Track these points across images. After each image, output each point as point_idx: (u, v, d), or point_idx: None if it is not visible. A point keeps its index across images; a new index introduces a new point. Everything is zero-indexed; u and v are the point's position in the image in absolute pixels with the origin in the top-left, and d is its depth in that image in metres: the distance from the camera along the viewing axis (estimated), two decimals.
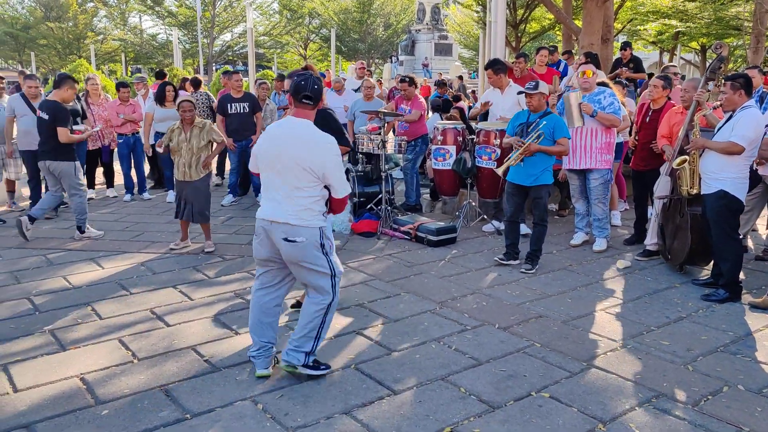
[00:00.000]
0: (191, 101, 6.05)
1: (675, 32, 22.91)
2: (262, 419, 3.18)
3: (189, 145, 6.01)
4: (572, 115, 5.97)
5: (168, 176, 8.67)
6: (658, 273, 5.59)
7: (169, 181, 8.68)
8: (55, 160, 6.54)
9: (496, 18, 8.89)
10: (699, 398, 3.41)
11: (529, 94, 5.57)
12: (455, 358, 3.88)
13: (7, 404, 3.31)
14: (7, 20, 43.74)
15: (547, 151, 5.49)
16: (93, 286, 5.17)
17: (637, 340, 4.16)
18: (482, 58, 18.33)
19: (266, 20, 48.16)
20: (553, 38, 34.92)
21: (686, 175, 5.32)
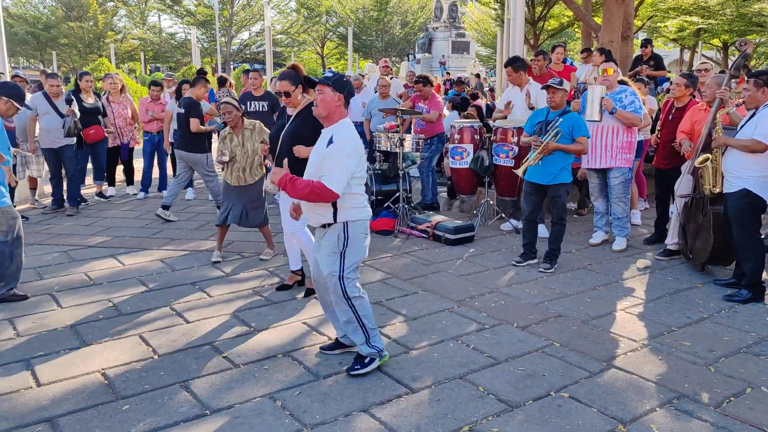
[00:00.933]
0: (232, 102, 5.59)
1: (696, 29, 22.59)
2: (281, 416, 3.19)
3: (244, 150, 5.62)
4: (593, 107, 5.90)
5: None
6: (679, 273, 5.53)
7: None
8: (187, 151, 7.12)
9: (515, 15, 8.83)
10: (721, 400, 3.36)
11: (554, 89, 5.52)
12: (473, 356, 3.86)
13: (31, 398, 3.36)
14: (29, 20, 44.36)
15: (565, 149, 5.44)
16: (113, 282, 5.23)
17: (658, 340, 4.12)
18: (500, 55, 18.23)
19: (284, 19, 48.34)
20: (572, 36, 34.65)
21: (709, 174, 5.25)
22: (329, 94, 3.48)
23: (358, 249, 3.58)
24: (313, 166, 3.53)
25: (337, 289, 3.56)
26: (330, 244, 3.55)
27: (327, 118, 3.54)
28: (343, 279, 3.55)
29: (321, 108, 3.50)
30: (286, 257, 5.91)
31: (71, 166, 7.72)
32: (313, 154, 3.60)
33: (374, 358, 3.66)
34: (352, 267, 3.58)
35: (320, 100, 3.49)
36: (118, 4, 46.18)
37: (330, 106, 3.49)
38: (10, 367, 3.72)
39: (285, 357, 3.85)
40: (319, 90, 3.50)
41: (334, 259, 3.54)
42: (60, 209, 7.79)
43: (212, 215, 7.66)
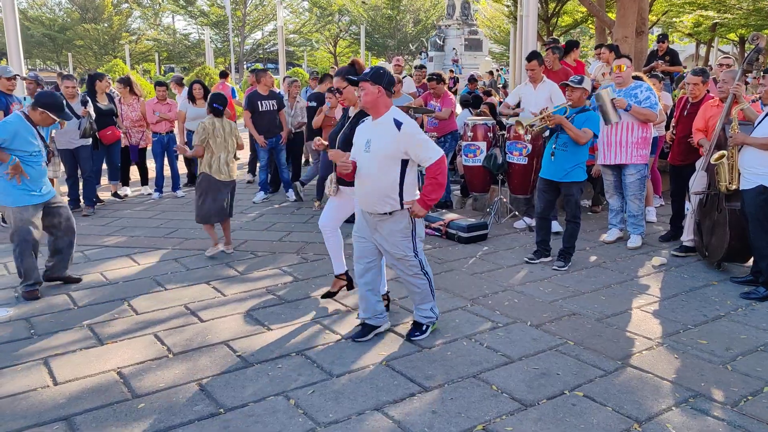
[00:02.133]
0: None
1: (712, 24, 22.33)
2: (294, 414, 3.21)
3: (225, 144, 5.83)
4: (607, 111, 5.85)
5: (194, 173, 8.79)
6: (694, 270, 5.47)
7: (192, 177, 8.80)
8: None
9: (528, 12, 8.76)
10: (738, 399, 3.33)
11: (572, 87, 5.49)
12: (487, 355, 3.85)
13: (48, 397, 3.40)
14: (46, 22, 44.88)
15: (567, 125, 5.36)
16: (129, 282, 5.28)
17: (673, 338, 4.08)
18: (513, 53, 18.13)
19: (296, 18, 48.49)
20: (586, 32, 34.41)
21: (724, 171, 5.19)
22: (369, 88, 3.74)
23: (421, 227, 3.99)
24: (384, 151, 3.74)
25: (414, 267, 3.93)
26: (399, 229, 3.86)
27: (373, 110, 3.81)
28: (418, 255, 3.94)
29: (364, 102, 3.80)
30: (297, 255, 5.94)
31: (87, 167, 7.80)
32: (379, 141, 3.77)
33: (429, 325, 4.11)
34: (420, 243, 3.97)
35: (363, 95, 3.78)
36: (132, 5, 46.55)
37: (372, 98, 3.76)
38: (27, 366, 3.76)
39: (298, 356, 3.87)
40: (361, 87, 3.79)
41: (407, 242, 3.89)
42: (76, 209, 7.86)
43: None
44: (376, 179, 3.78)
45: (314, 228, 7.00)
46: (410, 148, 3.71)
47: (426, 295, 4.03)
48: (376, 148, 3.76)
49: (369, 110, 3.84)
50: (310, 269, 5.56)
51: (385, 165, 3.75)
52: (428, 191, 3.76)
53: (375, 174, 3.78)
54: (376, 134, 3.79)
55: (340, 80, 4.50)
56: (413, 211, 3.82)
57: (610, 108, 5.83)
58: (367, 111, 3.87)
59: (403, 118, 3.76)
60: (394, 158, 3.74)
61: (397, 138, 3.70)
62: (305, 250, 6.14)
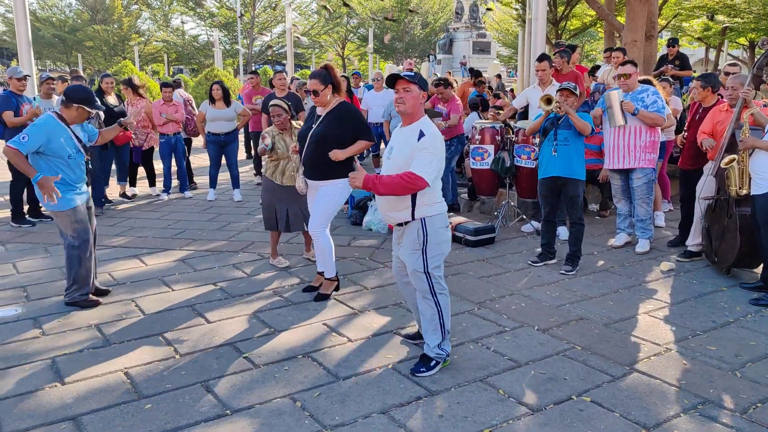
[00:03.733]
0: (281, 105, 5.44)
1: (722, 28, 22.24)
2: (301, 417, 3.20)
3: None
4: (614, 113, 5.85)
5: (213, 175, 8.79)
6: (703, 276, 5.44)
7: (213, 180, 8.81)
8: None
9: (537, 15, 8.75)
10: (748, 406, 3.30)
11: (569, 92, 5.50)
12: (494, 359, 3.84)
13: (56, 397, 3.41)
14: (56, 23, 45.20)
15: (573, 116, 5.39)
16: (136, 282, 5.29)
17: (682, 344, 4.05)
18: (521, 56, 18.11)
19: (305, 20, 48.59)
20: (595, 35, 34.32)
21: (735, 175, 5.15)
22: (416, 91, 3.54)
23: (439, 243, 3.62)
24: (401, 160, 3.55)
25: (422, 284, 3.63)
26: (410, 241, 3.62)
27: (410, 116, 3.58)
28: (429, 274, 3.61)
29: (408, 105, 3.54)
30: (303, 257, 5.94)
31: (95, 168, 7.82)
32: (399, 150, 3.60)
33: (439, 362, 3.70)
34: (436, 262, 3.63)
35: (409, 97, 3.52)
36: (141, 6, 46.80)
37: (416, 103, 3.55)
38: (35, 365, 3.78)
39: (305, 358, 3.86)
40: (406, 88, 3.53)
41: (417, 255, 3.60)
42: None
43: (233, 216, 7.72)
44: None
45: None
46: (415, 158, 3.47)
47: (434, 327, 3.66)
48: (396, 156, 3.61)
49: (405, 114, 3.58)
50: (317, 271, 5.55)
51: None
52: (386, 181, 3.48)
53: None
54: (400, 142, 3.62)
55: (317, 82, 4.56)
56: (351, 174, 3.58)
57: (618, 110, 5.83)
58: (404, 114, 3.60)
59: (429, 131, 3.53)
60: (408, 168, 3.51)
61: (415, 147, 3.50)
62: (312, 252, 6.14)
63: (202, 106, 8.63)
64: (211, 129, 8.46)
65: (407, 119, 3.61)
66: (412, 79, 3.54)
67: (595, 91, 8.65)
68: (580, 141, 5.52)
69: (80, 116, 4.68)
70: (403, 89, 3.54)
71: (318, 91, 4.57)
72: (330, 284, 4.94)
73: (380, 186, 3.50)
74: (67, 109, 4.62)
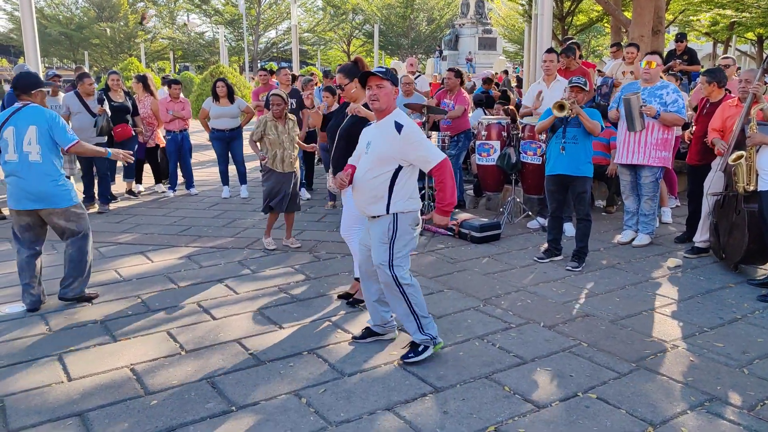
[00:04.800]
0: (281, 95, 6.02)
1: (730, 23, 22.07)
2: (306, 413, 3.20)
3: (290, 138, 6.06)
4: (634, 118, 5.78)
5: (223, 171, 8.79)
6: (710, 272, 5.41)
7: (224, 176, 8.81)
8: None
9: (543, 11, 8.69)
10: (755, 403, 3.28)
11: (578, 88, 5.47)
12: (499, 356, 3.83)
13: (62, 392, 3.42)
14: (63, 21, 45.33)
15: (584, 117, 5.38)
16: (142, 279, 5.31)
17: (689, 341, 4.03)
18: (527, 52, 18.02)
19: (310, 17, 48.58)
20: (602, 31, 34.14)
21: (743, 171, 5.12)
22: (389, 87, 3.62)
23: (406, 239, 3.68)
24: (378, 153, 3.61)
25: (387, 278, 3.65)
26: (379, 234, 3.67)
27: (383, 112, 3.65)
28: (392, 267, 3.64)
29: (382, 102, 3.61)
30: (309, 254, 5.95)
31: (102, 165, 7.85)
32: (377, 144, 3.64)
33: (428, 346, 3.74)
34: (402, 255, 3.67)
35: (383, 94, 3.60)
36: (148, 4, 46.88)
37: (389, 99, 3.63)
38: (41, 361, 3.79)
39: (310, 354, 3.87)
40: (380, 84, 3.60)
41: (384, 249, 3.65)
42: (91, 207, 7.93)
43: (239, 212, 7.74)
44: (368, 181, 3.65)
45: (326, 227, 7.01)
46: (410, 151, 3.55)
47: (406, 315, 3.70)
48: (374, 150, 3.64)
49: (379, 111, 3.66)
50: (322, 268, 5.56)
51: (377, 167, 3.61)
52: (441, 198, 3.61)
53: (368, 176, 3.65)
54: (377, 136, 3.67)
55: (341, 76, 4.51)
56: (435, 222, 3.66)
57: (638, 115, 5.76)
58: (378, 111, 3.67)
59: (404, 121, 3.60)
60: (388, 162, 3.59)
61: (398, 141, 3.55)
62: (317, 249, 6.15)
63: (205, 103, 8.64)
64: (214, 125, 8.48)
65: (381, 115, 3.68)
66: (385, 75, 3.63)
67: (602, 84, 8.59)
68: (589, 139, 5.49)
69: (43, 99, 4.69)
70: (376, 86, 3.60)
71: (343, 85, 4.51)
72: (357, 284, 4.74)
73: (446, 205, 3.62)
74: (33, 98, 4.61)
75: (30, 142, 4.47)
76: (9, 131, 4.49)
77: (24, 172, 4.46)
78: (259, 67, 11.96)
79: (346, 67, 4.57)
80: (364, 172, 3.68)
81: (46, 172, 4.48)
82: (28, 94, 4.59)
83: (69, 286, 4.72)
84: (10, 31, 46.93)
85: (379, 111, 3.66)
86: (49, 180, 4.50)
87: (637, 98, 5.79)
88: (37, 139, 4.47)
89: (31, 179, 4.47)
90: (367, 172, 3.66)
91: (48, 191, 4.51)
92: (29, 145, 4.46)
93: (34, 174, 4.47)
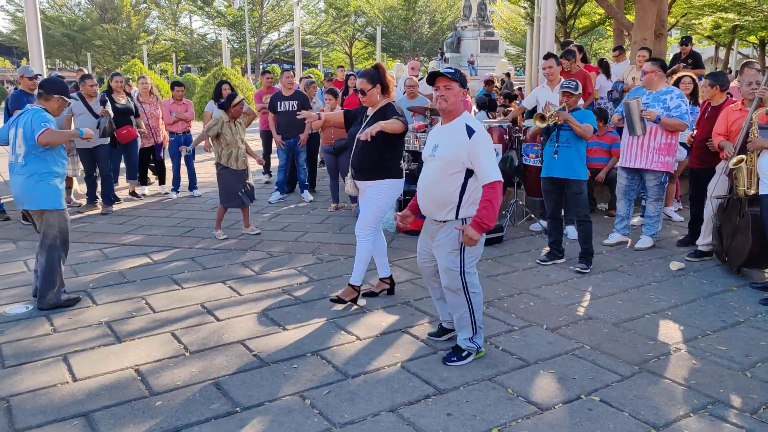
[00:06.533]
0: (243, 99, 6.60)
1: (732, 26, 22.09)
2: (310, 414, 3.22)
3: (241, 137, 6.55)
4: (634, 122, 5.79)
5: None
6: (713, 275, 5.41)
7: None
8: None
9: (545, 13, 8.72)
10: (758, 406, 3.29)
11: (569, 93, 5.50)
12: (502, 358, 3.84)
13: (67, 393, 3.44)
14: (66, 22, 45.43)
15: (573, 123, 5.39)
16: (146, 280, 5.32)
17: (691, 344, 4.04)
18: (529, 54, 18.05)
19: (312, 19, 48.64)
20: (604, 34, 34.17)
21: (743, 175, 5.13)
22: (457, 89, 3.57)
23: (477, 245, 3.63)
24: (448, 157, 3.55)
25: (457, 284, 3.65)
26: (449, 241, 3.64)
27: (451, 113, 3.61)
28: (464, 274, 3.64)
29: (450, 102, 3.56)
30: (312, 256, 5.96)
31: (105, 166, 7.88)
32: (445, 147, 3.59)
33: (471, 353, 3.78)
34: (472, 261, 3.68)
35: (451, 95, 3.55)
36: (150, 5, 46.98)
37: (457, 100, 3.59)
38: (47, 362, 3.81)
39: (314, 356, 3.88)
40: (448, 85, 3.56)
41: (454, 256, 3.63)
42: (94, 208, 7.95)
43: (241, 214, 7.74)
44: (437, 186, 3.59)
45: (329, 229, 7.02)
46: (473, 157, 3.48)
47: (465, 322, 3.72)
48: (442, 154, 3.57)
49: (447, 113, 3.60)
50: (326, 269, 5.58)
51: (447, 171, 3.55)
52: (483, 214, 3.47)
53: (437, 180, 3.59)
54: (445, 138, 3.60)
55: (364, 81, 4.50)
56: (466, 234, 3.50)
57: (638, 120, 5.77)
58: (444, 112, 3.62)
59: (477, 127, 3.53)
60: (458, 165, 3.53)
61: (466, 144, 3.49)
62: (321, 251, 6.16)
63: (208, 106, 8.66)
64: None
65: (448, 116, 3.64)
66: (453, 76, 3.57)
67: (612, 89, 8.60)
68: (582, 141, 5.51)
69: (60, 107, 4.73)
70: (444, 86, 3.56)
71: (365, 90, 4.50)
72: (351, 292, 4.75)
73: (485, 222, 3.47)
74: (48, 102, 4.66)
75: (19, 143, 4.55)
76: (12, 132, 4.63)
77: (13, 172, 4.60)
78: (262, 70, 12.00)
79: (368, 72, 4.57)
80: (432, 175, 3.62)
81: (29, 172, 4.53)
82: (48, 97, 4.67)
83: (43, 298, 4.63)
84: (14, 33, 47.04)
85: (446, 112, 3.61)
86: (31, 181, 4.53)
87: (638, 103, 5.80)
88: (23, 139, 4.52)
89: (15, 179, 4.58)
90: (435, 176, 3.61)
91: (26, 192, 4.55)
92: (19, 147, 4.56)
93: (17, 174, 4.57)
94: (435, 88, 3.61)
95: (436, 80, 3.60)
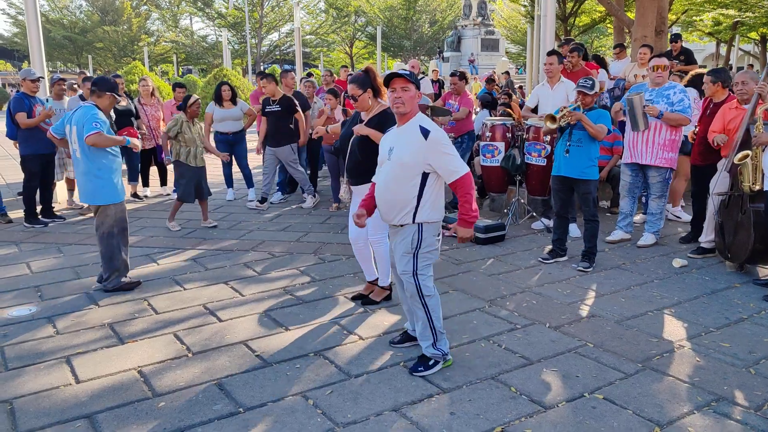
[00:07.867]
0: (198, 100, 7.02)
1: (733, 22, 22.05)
2: (313, 414, 3.22)
3: (199, 136, 6.98)
4: (637, 117, 5.78)
5: (227, 174, 8.80)
6: (716, 272, 5.40)
7: (228, 179, 8.83)
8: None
9: (545, 12, 8.70)
10: (762, 403, 3.28)
11: (584, 93, 5.46)
12: (505, 357, 3.83)
13: (70, 395, 3.44)
14: (67, 25, 45.50)
15: (587, 123, 5.37)
16: (148, 282, 5.32)
17: (695, 341, 4.03)
18: (530, 53, 18.04)
19: (313, 19, 48.65)
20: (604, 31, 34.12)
21: (748, 171, 5.12)
22: (414, 91, 3.52)
23: (430, 251, 3.60)
24: (402, 159, 3.48)
25: (411, 286, 3.60)
26: (404, 244, 3.59)
27: (407, 116, 3.54)
28: (416, 275, 3.59)
29: (407, 105, 3.50)
30: (314, 256, 5.96)
31: None
32: (400, 149, 3.51)
33: (438, 361, 3.67)
34: (426, 265, 3.62)
35: (407, 97, 3.49)
36: (151, 7, 47.03)
37: (414, 103, 3.53)
38: (50, 363, 3.81)
39: (316, 356, 3.88)
40: (404, 87, 3.49)
41: (408, 258, 3.58)
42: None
43: (243, 215, 7.76)
44: (393, 190, 3.52)
45: (331, 229, 7.02)
46: (435, 158, 3.42)
47: (424, 327, 3.64)
48: (397, 156, 3.50)
49: (402, 115, 3.53)
50: (328, 269, 5.58)
51: (403, 175, 3.48)
52: (466, 210, 3.48)
53: (392, 184, 3.52)
54: (400, 142, 3.52)
55: (354, 87, 4.40)
56: (459, 236, 3.52)
57: (641, 115, 5.76)
58: (401, 115, 3.54)
59: (430, 126, 3.47)
60: (414, 169, 3.46)
61: (423, 147, 3.42)
62: (322, 251, 6.16)
63: (208, 108, 8.66)
64: (219, 129, 8.47)
65: (404, 119, 3.56)
66: (410, 78, 3.51)
67: (614, 87, 8.59)
68: (595, 143, 5.47)
69: (111, 104, 5.07)
70: (401, 88, 3.48)
71: (356, 96, 4.39)
72: (382, 292, 4.77)
73: (470, 216, 3.50)
74: (100, 99, 4.96)
75: (74, 140, 4.90)
76: (67, 129, 4.97)
77: (75, 166, 4.99)
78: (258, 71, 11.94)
79: (358, 77, 4.45)
80: (388, 179, 3.55)
81: (84, 169, 4.88)
82: (101, 94, 4.97)
83: (107, 280, 5.07)
84: (15, 35, 47.12)
85: (402, 115, 3.54)
86: (85, 178, 4.90)
87: (640, 98, 5.79)
88: (77, 135, 4.85)
89: (77, 175, 5.00)
90: (391, 180, 3.53)
91: (82, 187, 4.95)
92: (74, 143, 4.91)
93: (78, 171, 4.97)
94: (391, 90, 3.52)
95: (392, 82, 3.51)
